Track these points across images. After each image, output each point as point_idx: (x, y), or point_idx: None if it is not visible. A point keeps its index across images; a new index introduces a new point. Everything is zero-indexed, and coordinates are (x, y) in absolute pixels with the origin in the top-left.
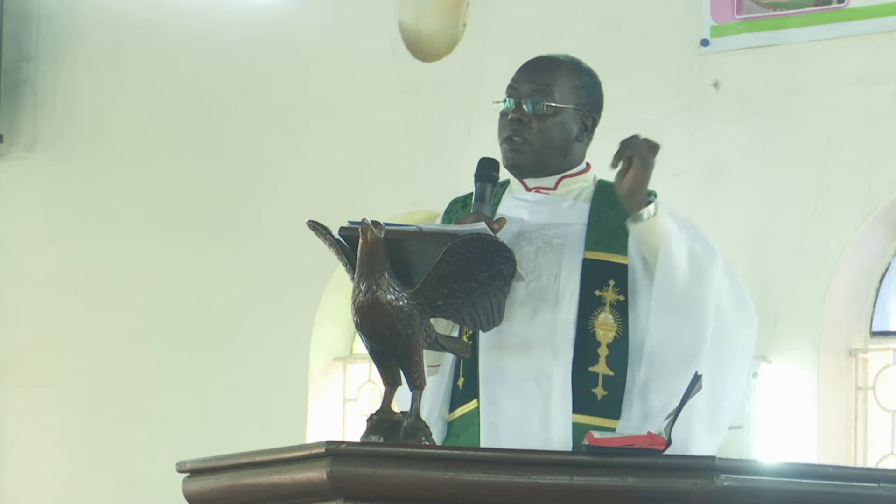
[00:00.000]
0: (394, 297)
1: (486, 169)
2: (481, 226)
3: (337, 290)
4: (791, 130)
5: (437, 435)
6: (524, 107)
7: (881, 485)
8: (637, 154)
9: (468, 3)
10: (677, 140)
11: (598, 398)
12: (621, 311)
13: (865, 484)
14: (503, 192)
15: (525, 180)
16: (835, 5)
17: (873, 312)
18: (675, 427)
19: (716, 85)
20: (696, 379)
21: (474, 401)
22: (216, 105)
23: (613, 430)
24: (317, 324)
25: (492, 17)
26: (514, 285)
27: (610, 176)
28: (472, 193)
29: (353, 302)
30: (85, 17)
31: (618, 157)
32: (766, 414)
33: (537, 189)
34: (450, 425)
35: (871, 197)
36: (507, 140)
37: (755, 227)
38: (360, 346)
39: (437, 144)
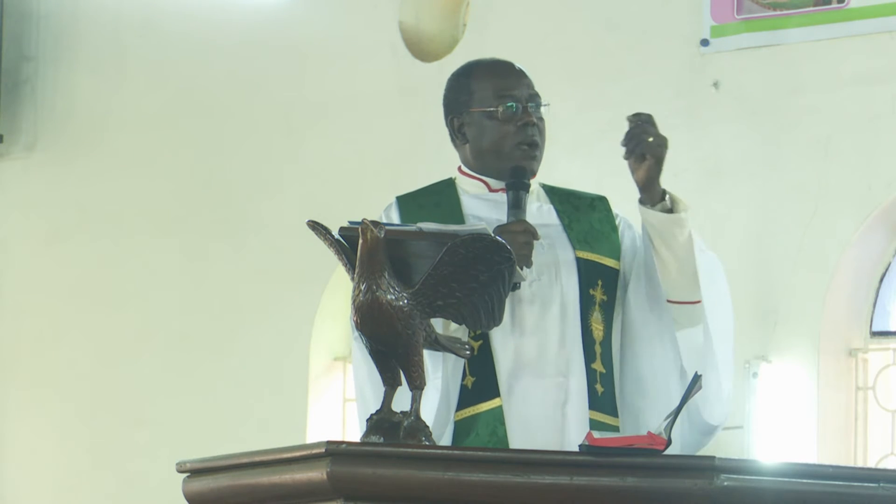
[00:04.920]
0: (394, 297)
1: (519, 177)
2: (482, 226)
3: (337, 290)
4: (791, 130)
5: (447, 437)
6: (532, 111)
7: (881, 485)
8: (648, 152)
9: (468, 3)
10: (677, 140)
11: (599, 394)
12: (606, 310)
13: (865, 484)
14: (453, 192)
15: (489, 181)
16: (835, 5)
17: (873, 312)
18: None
19: (716, 85)
20: (696, 379)
21: (495, 399)
22: (216, 105)
23: (613, 427)
24: (317, 324)
25: (492, 17)
26: (518, 286)
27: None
28: (417, 191)
29: (353, 302)
30: (85, 17)
31: (629, 151)
32: (766, 414)
33: (503, 190)
34: (457, 425)
35: (871, 197)
36: (529, 145)
37: (755, 227)
38: None
39: (437, 144)
